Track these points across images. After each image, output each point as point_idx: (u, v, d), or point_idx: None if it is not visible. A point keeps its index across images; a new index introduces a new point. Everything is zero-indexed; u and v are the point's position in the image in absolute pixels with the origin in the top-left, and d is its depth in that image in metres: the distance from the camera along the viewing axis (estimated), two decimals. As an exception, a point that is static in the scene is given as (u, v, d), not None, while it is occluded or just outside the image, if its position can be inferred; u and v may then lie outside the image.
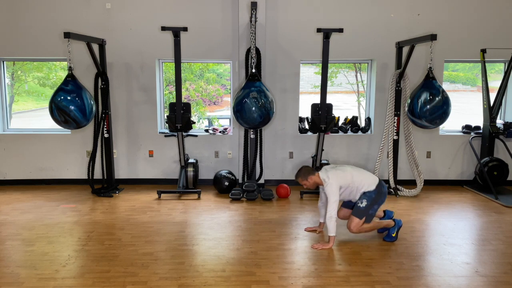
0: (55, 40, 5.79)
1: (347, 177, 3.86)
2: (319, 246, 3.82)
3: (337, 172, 3.88)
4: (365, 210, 3.84)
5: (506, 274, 3.35)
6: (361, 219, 3.84)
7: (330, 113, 5.42)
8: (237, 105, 4.90)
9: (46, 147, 6.06)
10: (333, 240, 3.83)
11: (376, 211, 3.93)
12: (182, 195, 5.57)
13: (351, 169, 3.96)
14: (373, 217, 3.91)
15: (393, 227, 4.00)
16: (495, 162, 5.74)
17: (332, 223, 3.77)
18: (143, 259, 3.58)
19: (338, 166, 4.03)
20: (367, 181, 3.89)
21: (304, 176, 3.95)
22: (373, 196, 3.84)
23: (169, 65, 6.37)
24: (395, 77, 5.55)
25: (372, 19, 5.87)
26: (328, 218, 3.78)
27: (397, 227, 4.00)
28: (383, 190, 3.91)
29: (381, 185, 3.91)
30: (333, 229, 3.79)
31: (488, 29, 5.89)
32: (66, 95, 4.69)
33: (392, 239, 3.98)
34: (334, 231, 3.80)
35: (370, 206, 3.84)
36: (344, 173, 3.88)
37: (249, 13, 5.60)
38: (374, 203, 3.85)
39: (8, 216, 4.69)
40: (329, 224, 3.79)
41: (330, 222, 3.78)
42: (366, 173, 4.00)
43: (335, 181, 3.80)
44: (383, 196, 3.91)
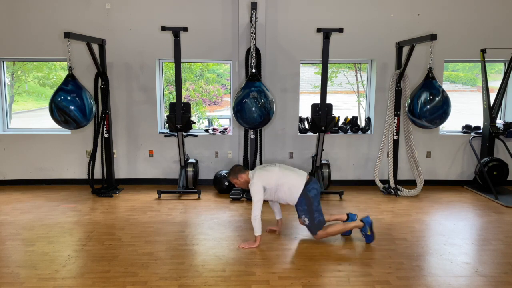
0: (55, 40, 5.79)
1: (271, 178, 3.83)
2: (245, 246, 3.81)
3: (262, 172, 3.86)
4: (313, 223, 3.83)
5: (506, 274, 3.35)
6: (319, 231, 3.84)
7: (330, 113, 5.42)
8: (237, 105, 4.90)
9: (46, 147, 6.06)
10: (259, 240, 3.82)
11: (320, 212, 3.86)
12: (182, 195, 5.57)
13: (278, 169, 3.91)
14: (322, 218, 3.87)
15: (364, 227, 3.94)
16: (495, 162, 5.74)
17: (256, 222, 3.75)
18: (143, 259, 3.58)
19: (267, 165, 3.99)
20: (293, 182, 3.83)
21: (235, 175, 3.94)
22: (306, 207, 3.83)
23: (169, 65, 6.37)
24: (395, 77, 5.55)
25: (372, 19, 5.87)
26: (252, 218, 3.75)
27: (368, 224, 3.92)
28: (309, 194, 3.83)
29: (306, 189, 3.83)
30: (258, 229, 3.78)
31: (488, 29, 5.89)
32: (66, 95, 4.69)
33: (369, 238, 3.91)
34: (260, 230, 3.79)
35: (312, 217, 3.83)
36: (269, 174, 3.85)
37: (249, 13, 5.60)
38: (312, 211, 3.83)
39: (8, 216, 4.69)
40: (253, 224, 3.76)
41: (254, 222, 3.76)
42: (293, 174, 3.91)
43: (258, 181, 3.78)
44: (312, 199, 3.84)
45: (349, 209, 5.00)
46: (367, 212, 4.88)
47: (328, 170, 5.74)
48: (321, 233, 3.87)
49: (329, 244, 3.92)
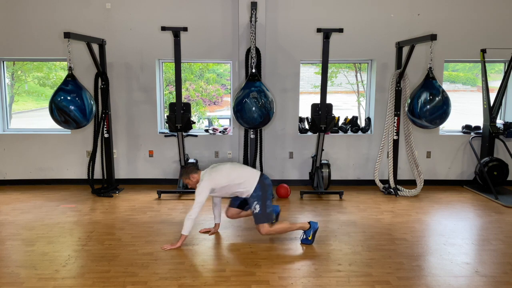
0: (55, 40, 5.79)
1: (221, 176, 3.81)
2: (168, 247, 3.78)
3: (212, 173, 3.82)
4: (264, 212, 3.79)
5: (506, 274, 3.35)
6: (266, 223, 3.79)
7: (330, 113, 5.42)
8: (237, 105, 4.90)
9: (46, 147, 6.06)
10: (183, 239, 3.79)
11: (271, 205, 3.87)
12: (182, 195, 5.57)
13: (230, 165, 3.92)
14: (273, 212, 3.90)
15: (308, 229, 3.91)
16: (495, 162, 5.74)
17: (188, 222, 3.72)
18: (143, 259, 3.58)
19: (218, 166, 3.95)
20: (247, 174, 3.85)
21: (187, 175, 3.90)
22: (260, 193, 3.80)
23: (169, 65, 6.37)
24: (395, 77, 5.55)
25: (372, 19, 5.87)
26: (187, 217, 3.72)
27: (313, 229, 3.90)
28: (265, 182, 3.86)
29: (262, 179, 3.86)
30: (187, 229, 3.74)
31: (488, 29, 5.89)
32: (66, 95, 4.69)
33: (308, 242, 3.89)
34: (188, 231, 3.75)
35: (263, 206, 3.79)
36: (219, 173, 3.83)
37: (249, 13, 5.60)
38: (264, 200, 3.81)
39: (8, 216, 4.69)
40: (185, 222, 3.72)
41: (187, 221, 3.72)
42: (245, 169, 3.94)
43: (206, 183, 3.75)
44: (268, 188, 3.86)
45: (350, 209, 5.00)
46: (367, 212, 4.88)
47: (328, 170, 5.74)
48: (267, 228, 3.79)
49: (329, 244, 3.92)
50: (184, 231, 3.75)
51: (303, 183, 6.15)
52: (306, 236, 3.90)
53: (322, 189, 5.56)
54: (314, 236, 3.91)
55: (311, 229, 3.90)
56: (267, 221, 3.80)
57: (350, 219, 4.61)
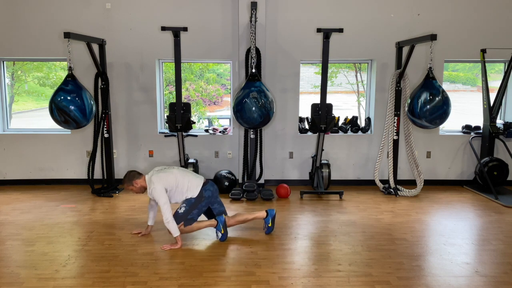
0: (55, 40, 5.79)
1: (171, 179, 3.83)
2: (167, 247, 3.79)
3: (160, 174, 3.84)
4: (183, 216, 3.86)
5: (506, 274, 3.35)
6: (178, 224, 3.83)
7: (330, 113, 5.42)
8: (237, 105, 4.90)
9: (46, 147, 6.06)
10: (180, 240, 3.81)
11: (197, 215, 3.93)
12: (182, 195, 5.57)
13: (177, 171, 3.95)
14: (194, 221, 3.92)
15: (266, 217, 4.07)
16: (495, 162, 5.74)
17: (170, 225, 3.74)
18: (143, 259, 3.58)
19: (165, 168, 3.98)
20: (191, 183, 3.90)
21: (129, 181, 3.90)
22: (193, 201, 3.87)
23: (169, 65, 6.37)
24: (395, 77, 5.55)
25: (372, 19, 5.87)
26: (165, 223, 3.74)
27: (271, 216, 4.07)
28: (204, 194, 3.92)
29: (203, 189, 3.92)
30: (175, 231, 3.77)
31: (488, 29, 5.89)
32: (66, 95, 4.69)
33: (269, 229, 4.09)
34: (177, 231, 3.78)
35: (188, 212, 3.87)
36: (168, 175, 3.85)
37: (249, 13, 5.60)
38: (193, 208, 3.87)
39: (8, 216, 4.69)
40: (170, 227, 3.75)
41: (169, 225, 3.74)
42: (191, 175, 3.99)
43: (158, 184, 3.77)
44: (204, 200, 3.91)
45: (350, 209, 5.00)
46: (367, 212, 4.88)
47: (328, 170, 5.74)
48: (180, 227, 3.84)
49: (329, 244, 3.92)
50: (174, 233, 3.79)
51: (303, 183, 6.15)
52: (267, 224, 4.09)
53: (322, 189, 5.56)
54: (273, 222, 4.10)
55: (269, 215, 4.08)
56: (180, 222, 3.86)
57: (350, 219, 4.61)
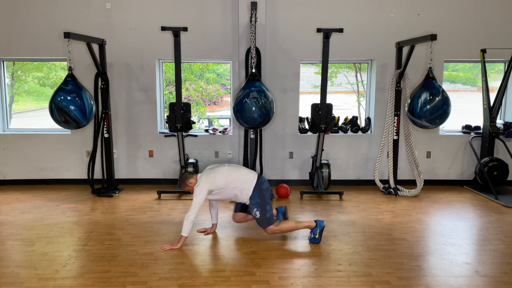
0: (55, 40, 5.79)
1: (219, 179, 3.82)
2: (167, 247, 3.79)
3: (209, 175, 3.84)
4: (263, 218, 3.83)
5: (506, 274, 3.35)
6: (269, 226, 3.84)
7: (330, 113, 5.42)
8: (237, 105, 4.90)
9: (46, 147, 6.06)
10: (183, 241, 3.80)
11: (271, 209, 3.91)
12: (182, 195, 5.57)
13: (227, 168, 3.92)
14: (272, 216, 3.91)
15: (315, 228, 3.93)
16: (495, 162, 5.74)
17: (187, 223, 3.73)
18: (143, 259, 3.58)
19: (215, 167, 3.96)
20: (245, 177, 3.86)
21: (184, 183, 3.93)
22: (258, 200, 3.83)
23: (169, 65, 6.37)
24: (395, 77, 5.55)
25: (372, 19, 5.87)
26: (185, 218, 3.74)
27: (319, 227, 3.93)
28: (262, 187, 3.87)
29: (259, 183, 3.87)
30: (186, 230, 3.75)
31: (488, 29, 5.89)
32: (66, 95, 4.69)
33: (315, 240, 3.92)
34: (187, 232, 3.76)
35: (263, 211, 3.83)
36: (217, 175, 3.84)
37: (249, 13, 5.60)
38: (264, 205, 3.83)
39: (8, 216, 4.69)
40: (184, 223, 3.74)
41: (185, 222, 3.74)
42: (242, 172, 3.94)
43: (204, 184, 3.78)
44: (266, 193, 3.88)
45: (350, 209, 5.00)
46: (367, 212, 4.88)
47: (328, 170, 5.74)
48: (273, 228, 3.85)
49: (328, 244, 3.92)
50: (184, 232, 3.76)
51: (303, 183, 6.15)
52: (313, 234, 3.93)
53: (322, 189, 5.56)
54: (321, 234, 3.93)
55: (317, 227, 3.92)
56: (269, 224, 3.85)
57: (350, 219, 4.61)
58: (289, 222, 4.00)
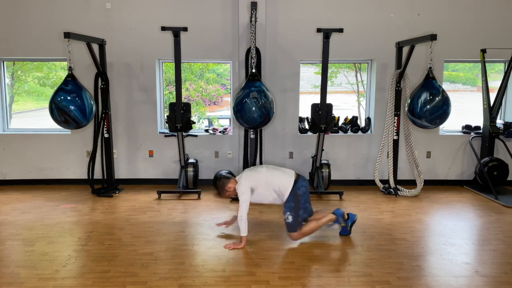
0: (55, 40, 5.79)
1: (259, 178, 3.86)
2: (231, 246, 3.81)
3: (249, 173, 3.92)
4: (295, 223, 3.85)
5: (506, 274, 3.35)
6: (296, 231, 3.87)
7: (330, 113, 5.42)
8: (237, 105, 4.90)
9: (46, 147, 6.06)
10: (245, 240, 3.82)
11: (305, 213, 3.92)
12: (182, 195, 5.57)
13: (266, 170, 3.96)
14: (305, 220, 3.93)
15: (337, 219, 3.98)
16: (495, 162, 5.74)
17: (242, 223, 3.76)
18: (143, 259, 3.58)
19: (255, 167, 4.07)
20: (282, 182, 3.86)
21: (223, 190, 3.96)
22: (293, 204, 3.84)
23: (169, 65, 6.37)
24: (395, 77, 5.55)
25: (372, 19, 5.87)
26: (238, 219, 3.77)
27: (340, 216, 3.98)
28: (298, 192, 3.86)
29: (296, 187, 3.86)
30: (244, 230, 3.78)
31: (488, 29, 5.89)
32: (66, 95, 4.69)
33: (345, 232, 4.04)
34: (246, 231, 3.79)
35: (296, 216, 3.85)
36: (257, 174, 3.90)
37: (249, 13, 5.60)
38: (297, 210, 3.85)
39: (8, 216, 4.69)
40: (240, 224, 3.77)
41: (240, 223, 3.77)
42: (281, 172, 3.95)
43: (245, 182, 3.82)
44: (301, 198, 3.88)
45: (350, 209, 5.00)
46: (367, 212, 4.88)
47: (328, 170, 5.74)
48: (296, 235, 3.88)
49: (329, 244, 3.93)
50: (243, 232, 3.79)
51: (303, 183, 6.14)
52: (339, 223, 3.99)
53: (322, 189, 5.56)
54: (346, 222, 4.00)
55: (338, 216, 3.98)
56: (297, 229, 3.87)
57: (350, 219, 4.61)
58: (309, 224, 3.96)
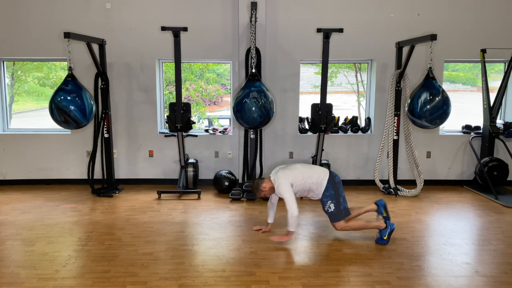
0: (55, 40, 5.79)
1: (297, 175, 3.89)
2: (277, 238, 3.86)
3: (285, 171, 3.92)
4: (338, 211, 3.88)
5: (506, 274, 3.35)
6: (341, 221, 3.88)
7: (330, 113, 5.42)
8: (237, 105, 4.90)
9: (46, 147, 6.06)
10: (292, 235, 3.85)
11: (345, 202, 3.94)
12: (182, 195, 5.57)
13: (300, 166, 4.01)
14: (347, 208, 3.94)
15: (384, 229, 3.92)
16: (495, 162, 5.74)
17: (293, 219, 3.77)
18: (143, 259, 3.58)
19: (288, 165, 4.06)
20: (318, 175, 3.92)
21: (258, 190, 3.96)
22: (332, 192, 3.87)
23: (169, 65, 6.37)
24: (395, 77, 5.55)
25: (372, 19, 5.87)
26: (289, 215, 3.77)
27: (389, 230, 3.91)
28: (335, 179, 3.94)
29: (332, 176, 3.95)
30: (293, 225, 3.80)
31: (488, 29, 5.89)
32: (66, 95, 4.69)
33: (383, 242, 3.90)
34: (294, 227, 3.81)
35: (338, 203, 3.87)
36: (293, 171, 3.92)
37: (249, 13, 5.60)
38: (337, 197, 3.88)
39: (8, 216, 4.69)
40: (290, 220, 3.78)
41: (290, 219, 3.78)
42: (315, 167, 4.07)
43: (284, 180, 3.83)
44: (339, 186, 3.94)
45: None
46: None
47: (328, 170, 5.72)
48: (342, 224, 3.88)
49: (329, 244, 3.93)
50: (291, 227, 3.81)
51: (303, 183, 6.14)
52: (381, 235, 3.93)
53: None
54: (389, 236, 3.93)
55: (387, 228, 3.92)
56: (342, 218, 3.88)
57: (350, 219, 4.61)
58: (359, 220, 4.01)
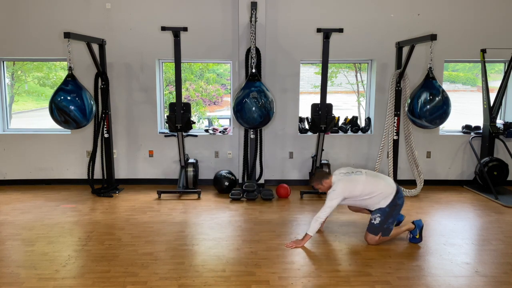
0: (55, 40, 5.79)
1: (355, 188, 3.78)
2: (292, 244, 3.82)
3: (348, 184, 3.78)
4: (380, 227, 3.79)
5: (506, 274, 3.35)
6: (376, 235, 3.81)
7: (330, 113, 5.42)
8: (237, 105, 4.90)
9: (46, 147, 6.06)
10: (308, 239, 3.82)
11: (393, 224, 3.84)
12: (182, 195, 5.57)
13: (365, 178, 3.81)
14: (390, 230, 3.83)
15: (414, 229, 3.91)
16: (495, 162, 5.73)
17: (316, 224, 3.76)
18: (143, 259, 3.58)
19: (355, 173, 3.88)
20: (382, 190, 3.77)
21: (319, 180, 3.92)
22: (387, 210, 3.77)
23: (169, 65, 6.37)
24: (395, 77, 5.55)
25: (372, 19, 5.86)
26: (314, 219, 3.77)
27: (418, 228, 3.90)
28: (398, 202, 3.81)
29: (396, 198, 3.80)
30: (313, 230, 3.77)
31: (488, 29, 5.89)
32: (66, 95, 4.69)
33: (416, 240, 3.91)
34: (313, 232, 3.78)
35: (384, 221, 3.78)
36: (355, 185, 3.78)
37: (249, 13, 5.60)
38: (388, 217, 3.79)
39: (8, 216, 4.69)
40: (312, 224, 3.77)
41: (314, 223, 3.77)
42: (381, 185, 3.81)
43: (341, 191, 3.75)
44: (398, 208, 3.83)
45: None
46: (367, 212, 4.88)
47: (328, 170, 5.73)
48: (375, 239, 3.82)
49: (329, 244, 3.93)
50: (310, 231, 3.78)
51: (303, 183, 6.15)
52: (413, 235, 3.91)
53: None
54: (421, 233, 3.91)
55: (417, 227, 3.91)
56: (378, 233, 3.81)
57: (350, 219, 4.61)
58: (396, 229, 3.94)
